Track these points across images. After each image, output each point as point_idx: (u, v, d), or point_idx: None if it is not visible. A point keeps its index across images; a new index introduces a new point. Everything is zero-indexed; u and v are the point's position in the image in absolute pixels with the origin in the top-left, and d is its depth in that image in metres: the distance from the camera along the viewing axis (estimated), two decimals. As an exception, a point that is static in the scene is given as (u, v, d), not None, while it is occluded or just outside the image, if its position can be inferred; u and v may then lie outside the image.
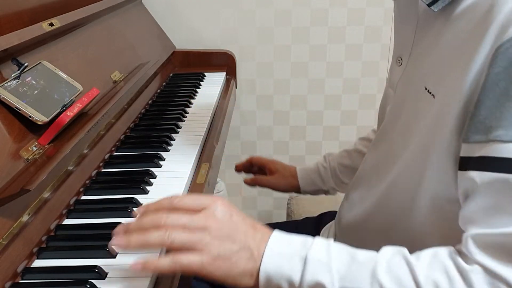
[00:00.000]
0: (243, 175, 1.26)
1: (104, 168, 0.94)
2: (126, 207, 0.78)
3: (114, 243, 0.62)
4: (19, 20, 0.89)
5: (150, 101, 1.30)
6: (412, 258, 0.59)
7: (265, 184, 1.20)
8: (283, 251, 0.61)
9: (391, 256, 0.60)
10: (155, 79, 1.41)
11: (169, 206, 0.63)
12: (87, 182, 0.87)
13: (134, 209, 0.73)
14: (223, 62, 1.66)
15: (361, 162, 0.94)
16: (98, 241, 0.69)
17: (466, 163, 0.60)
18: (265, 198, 1.92)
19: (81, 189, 0.85)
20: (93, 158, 0.92)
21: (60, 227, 0.75)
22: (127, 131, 1.10)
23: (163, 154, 0.99)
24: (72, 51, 1.03)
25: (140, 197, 0.82)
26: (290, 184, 1.18)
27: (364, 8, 1.70)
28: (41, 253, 0.69)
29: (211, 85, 1.48)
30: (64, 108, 0.83)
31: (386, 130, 0.82)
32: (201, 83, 1.49)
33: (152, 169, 0.91)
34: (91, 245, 0.69)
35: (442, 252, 0.60)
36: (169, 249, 0.62)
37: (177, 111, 1.22)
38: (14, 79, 0.79)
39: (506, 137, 0.55)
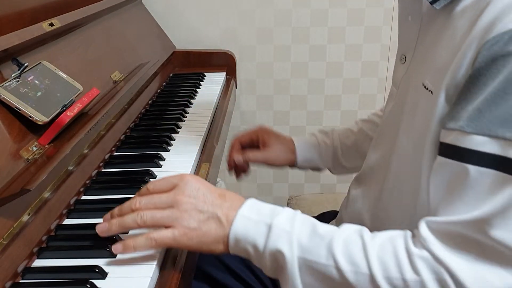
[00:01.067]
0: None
1: (104, 168, 0.94)
2: (126, 207, 0.78)
3: (98, 230, 0.68)
4: (20, 20, 0.89)
5: (150, 101, 1.30)
6: (367, 237, 0.62)
7: (259, 159, 1.06)
8: (252, 217, 0.66)
9: (349, 233, 0.63)
10: (155, 79, 1.41)
11: (145, 192, 0.69)
12: (87, 182, 0.87)
13: None
14: (223, 62, 1.66)
15: (364, 146, 0.96)
16: (98, 241, 0.69)
17: (439, 148, 0.63)
18: (265, 198, 1.92)
19: (81, 189, 0.85)
20: (93, 158, 0.92)
21: (60, 227, 0.75)
22: (127, 131, 1.10)
23: (163, 154, 0.99)
24: (72, 51, 1.03)
25: (140, 197, 0.82)
26: (287, 159, 1.07)
27: (364, 9, 1.70)
28: (41, 253, 0.69)
29: (211, 85, 1.48)
30: (64, 108, 0.83)
31: (388, 128, 0.83)
32: (201, 83, 1.50)
33: (152, 169, 0.91)
34: (91, 245, 0.69)
35: (397, 234, 0.62)
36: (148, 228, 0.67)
37: (177, 111, 1.22)
38: (14, 79, 0.79)
39: (468, 128, 0.57)
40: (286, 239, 0.63)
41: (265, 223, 0.65)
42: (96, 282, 0.63)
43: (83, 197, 0.84)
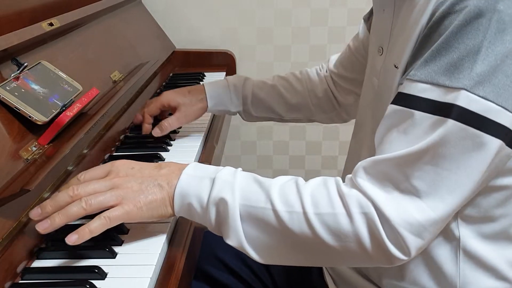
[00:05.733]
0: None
1: (104, 168, 0.94)
2: (126, 207, 0.78)
3: (39, 229, 0.65)
4: (19, 20, 0.89)
5: (150, 101, 1.29)
6: (301, 182, 0.69)
7: (174, 124, 1.06)
8: (197, 174, 0.70)
9: (285, 180, 0.69)
10: (155, 79, 1.41)
11: (77, 182, 0.70)
12: (87, 182, 0.87)
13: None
14: (223, 62, 1.65)
15: (274, 101, 1.07)
16: (98, 242, 0.69)
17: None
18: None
19: (81, 189, 0.85)
20: (93, 158, 0.92)
21: (60, 227, 0.75)
22: (126, 131, 1.10)
23: (163, 154, 0.99)
24: (72, 51, 1.02)
25: (140, 197, 0.82)
26: (198, 109, 1.07)
27: (364, 8, 1.69)
28: (41, 253, 0.69)
29: (211, 85, 1.48)
30: (64, 108, 0.83)
31: (367, 118, 0.85)
32: (201, 83, 1.49)
33: (152, 169, 0.91)
34: (90, 246, 0.69)
35: (329, 178, 0.68)
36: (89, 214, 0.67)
37: (177, 111, 1.22)
38: (14, 79, 0.79)
39: (414, 76, 0.63)
40: (228, 188, 0.67)
41: (209, 177, 0.69)
42: (95, 282, 0.63)
43: (83, 197, 0.84)
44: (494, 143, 0.61)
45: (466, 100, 0.60)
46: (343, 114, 1.12)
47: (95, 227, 0.65)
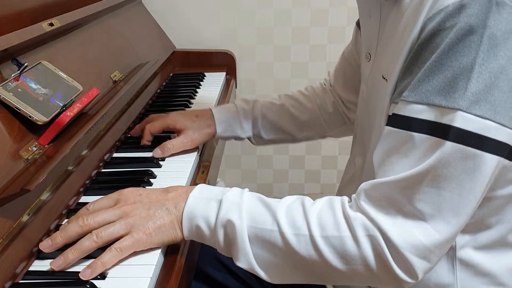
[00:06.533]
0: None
1: (104, 168, 0.94)
2: (126, 207, 0.78)
3: (53, 266, 0.65)
4: (19, 20, 0.89)
5: (150, 101, 1.30)
6: (308, 203, 0.68)
7: (178, 148, 0.99)
8: (203, 196, 0.70)
9: (292, 201, 0.69)
10: (155, 79, 1.41)
11: (86, 212, 0.70)
12: (87, 182, 0.87)
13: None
14: (223, 62, 1.66)
15: (283, 121, 1.05)
16: (98, 241, 0.69)
17: (387, 120, 0.68)
18: (265, 198, 1.92)
19: (81, 189, 0.85)
20: (93, 158, 0.92)
21: (60, 227, 0.75)
22: (127, 131, 1.10)
23: (163, 154, 0.99)
24: (72, 51, 1.02)
25: (140, 197, 0.82)
26: (205, 135, 1.03)
27: (364, 8, 1.70)
28: (41, 253, 0.69)
29: (211, 85, 1.48)
30: (64, 108, 0.83)
31: (360, 125, 0.85)
32: (201, 83, 1.49)
33: (152, 169, 0.91)
34: (91, 245, 0.69)
35: (335, 199, 0.68)
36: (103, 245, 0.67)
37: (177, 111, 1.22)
38: (14, 79, 0.79)
39: (409, 97, 0.63)
40: (235, 210, 0.67)
41: (216, 199, 0.69)
42: (95, 282, 0.63)
43: (83, 198, 0.84)
44: (493, 160, 0.60)
45: (462, 120, 0.59)
46: (353, 128, 1.10)
47: (108, 260, 0.65)
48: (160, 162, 0.95)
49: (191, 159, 0.97)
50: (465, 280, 0.71)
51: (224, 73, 1.59)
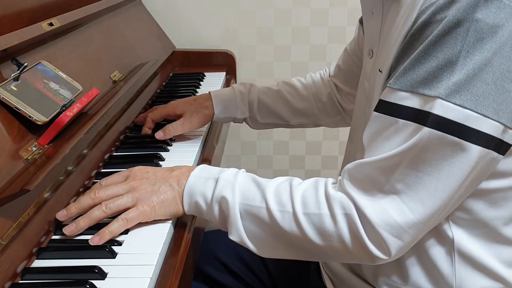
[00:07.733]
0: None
1: (103, 168, 0.94)
2: (126, 207, 0.78)
3: (66, 232, 0.71)
4: (19, 20, 0.89)
5: (150, 101, 1.30)
6: (295, 183, 0.72)
7: (178, 129, 1.05)
8: (203, 175, 0.76)
9: (281, 181, 0.74)
10: (155, 79, 1.41)
11: (98, 187, 0.77)
12: (86, 182, 0.87)
13: None
14: (223, 62, 1.66)
15: (279, 106, 1.10)
16: (98, 241, 0.69)
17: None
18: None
19: (81, 190, 0.85)
20: (93, 158, 0.92)
21: (60, 227, 0.75)
22: (127, 131, 1.10)
23: (163, 154, 0.99)
24: (72, 51, 1.02)
25: (140, 197, 0.82)
26: (204, 117, 1.08)
27: (364, 8, 1.70)
28: (41, 253, 0.69)
29: (211, 85, 1.48)
30: (64, 108, 0.83)
31: (359, 120, 0.85)
32: (201, 83, 1.49)
33: (152, 169, 0.91)
34: (90, 246, 0.69)
35: (320, 180, 0.72)
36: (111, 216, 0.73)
37: (177, 111, 1.22)
38: (14, 79, 0.79)
39: (394, 85, 0.65)
40: (229, 188, 0.72)
41: (214, 178, 0.75)
42: (95, 282, 0.63)
43: (83, 197, 0.84)
44: (474, 150, 0.61)
45: (441, 108, 0.61)
46: (347, 119, 1.12)
47: (115, 228, 0.71)
48: (160, 162, 0.95)
49: (191, 159, 0.97)
50: (463, 272, 0.73)
51: (224, 73, 1.59)
